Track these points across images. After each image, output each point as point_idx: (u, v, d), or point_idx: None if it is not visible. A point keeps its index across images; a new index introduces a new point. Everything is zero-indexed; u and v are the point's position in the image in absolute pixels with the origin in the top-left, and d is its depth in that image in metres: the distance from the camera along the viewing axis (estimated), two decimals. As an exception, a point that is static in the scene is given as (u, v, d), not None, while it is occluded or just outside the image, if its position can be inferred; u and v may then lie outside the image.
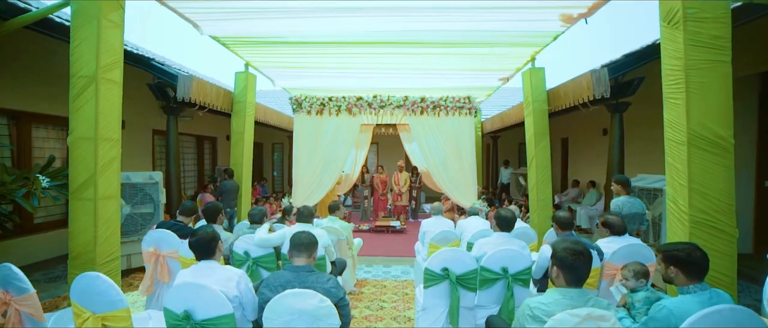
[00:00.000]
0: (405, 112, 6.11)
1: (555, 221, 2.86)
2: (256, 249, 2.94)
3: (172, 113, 5.29)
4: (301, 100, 6.21)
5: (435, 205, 4.09)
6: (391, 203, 8.70)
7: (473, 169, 6.18)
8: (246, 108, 5.87)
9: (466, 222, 4.12)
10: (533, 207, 5.54)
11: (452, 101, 6.10)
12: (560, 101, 5.26)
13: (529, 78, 5.52)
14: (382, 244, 6.25)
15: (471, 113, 6.20)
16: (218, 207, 3.12)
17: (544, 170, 5.47)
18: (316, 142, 6.19)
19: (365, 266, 5.14)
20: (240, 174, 5.81)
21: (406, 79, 6.25)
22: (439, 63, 5.61)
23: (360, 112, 6.17)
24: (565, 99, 5.11)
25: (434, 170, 6.19)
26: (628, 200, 3.44)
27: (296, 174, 6.23)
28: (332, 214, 4.02)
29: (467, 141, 6.15)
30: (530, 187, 5.59)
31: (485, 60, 5.41)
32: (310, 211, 3.70)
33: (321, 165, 6.17)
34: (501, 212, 2.82)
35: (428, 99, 6.10)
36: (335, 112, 6.16)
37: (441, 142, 6.12)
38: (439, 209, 4.07)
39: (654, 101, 2.97)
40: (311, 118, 6.21)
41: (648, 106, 5.30)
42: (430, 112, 6.12)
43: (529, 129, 5.57)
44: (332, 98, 6.14)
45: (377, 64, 5.52)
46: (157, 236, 2.95)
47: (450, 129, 6.13)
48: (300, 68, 5.80)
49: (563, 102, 5.18)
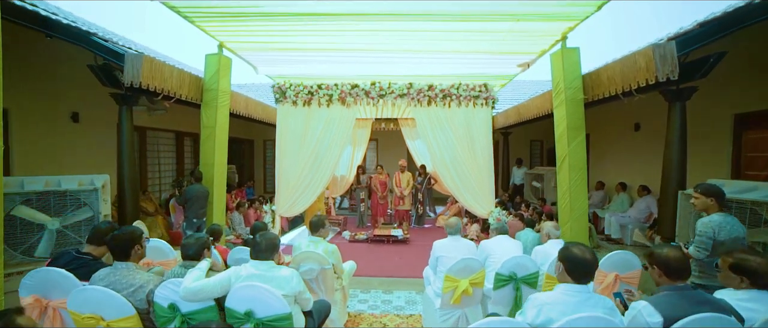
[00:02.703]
0: (409, 102, 5.12)
1: (658, 261, 1.72)
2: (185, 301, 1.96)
3: (125, 103, 4.29)
4: (284, 88, 5.21)
5: (451, 222, 3.11)
6: (392, 208, 7.73)
7: (490, 170, 5.20)
8: (218, 97, 4.88)
9: (492, 244, 3.14)
10: (564, 218, 4.57)
11: (466, 90, 5.10)
12: (602, 88, 4.26)
13: (561, 61, 4.53)
14: (382, 259, 5.28)
15: (488, 104, 5.21)
16: (134, 235, 2.11)
17: (579, 173, 4.49)
18: (304, 138, 5.21)
19: (361, 292, 4.17)
20: (211, 177, 4.83)
21: (409, 65, 5.26)
22: (447, 44, 4.65)
23: (356, 102, 5.18)
24: (609, 85, 4.11)
25: (443, 170, 5.21)
26: (724, 219, 2.45)
27: (279, 176, 5.24)
28: (315, 233, 3.04)
29: (483, 137, 5.16)
30: (561, 192, 4.61)
31: (504, 40, 4.43)
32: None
33: (309, 165, 5.18)
34: (573, 251, 1.73)
35: (437, 87, 5.10)
36: (326, 102, 5.16)
37: (451, 138, 5.13)
38: (456, 228, 3.08)
39: (723, 84, 1.96)
40: (297, 109, 5.21)
41: (716, 92, 4.28)
42: (438, 102, 5.12)
43: (560, 123, 4.59)
44: (322, 86, 5.14)
45: (376, 44, 4.54)
46: (43, 278, 1.97)
47: (463, 122, 5.14)
48: (285, 50, 4.81)
49: (606, 89, 4.18)
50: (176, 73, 4.39)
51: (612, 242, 6.31)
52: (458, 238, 3.06)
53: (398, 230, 6.77)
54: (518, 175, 9.57)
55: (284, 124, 5.24)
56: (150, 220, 6.14)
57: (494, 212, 5.09)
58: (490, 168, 5.20)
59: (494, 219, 5.07)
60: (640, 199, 6.35)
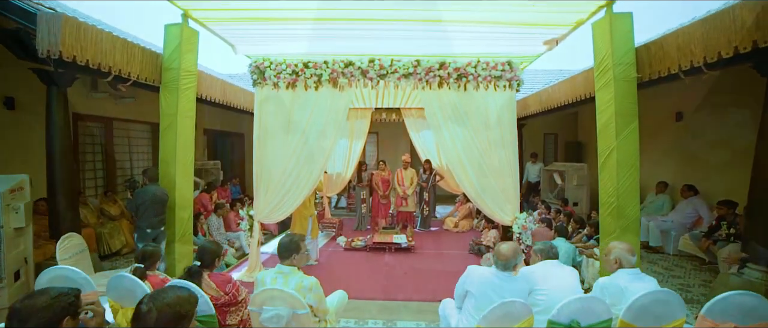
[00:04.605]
0: (416, 84, 4.17)
1: None
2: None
3: (55, 83, 3.37)
4: (263, 67, 4.27)
5: (504, 251, 2.06)
6: (394, 209, 6.82)
7: (515, 167, 4.26)
8: (180, 78, 3.95)
9: (538, 274, 2.21)
10: (609, 228, 3.66)
11: (485, 68, 4.16)
12: (668, 61, 3.32)
13: (607, 30, 3.60)
14: (382, 275, 4.38)
15: (512, 86, 4.26)
16: None
17: (630, 171, 3.59)
18: (287, 128, 4.28)
19: (354, 323, 3.26)
20: (171, 176, 3.92)
21: (415, 42, 4.32)
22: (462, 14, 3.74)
23: (351, 84, 4.24)
24: (680, 56, 3.16)
25: (458, 169, 4.28)
26: None
27: (258, 174, 4.33)
28: (285, 261, 2.12)
29: (506, 127, 4.22)
30: (605, 196, 3.70)
31: (532, 8, 3.52)
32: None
33: (294, 161, 4.27)
34: None
35: (451, 65, 4.15)
36: (314, 84, 4.22)
37: (468, 129, 4.19)
38: (508, 263, 2.08)
39: None
40: (279, 93, 4.28)
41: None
42: (451, 84, 4.18)
43: (606, 108, 3.67)
44: (309, 65, 4.20)
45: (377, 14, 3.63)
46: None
47: (482, 109, 4.20)
48: (267, 21, 3.87)
49: (674, 62, 3.24)
50: (120, 45, 3.46)
51: (650, 251, 5.40)
52: (509, 276, 2.09)
53: (401, 235, 5.87)
54: (533, 171, 8.63)
55: (263, 111, 4.31)
56: (111, 226, 5.25)
57: (519, 219, 4.17)
58: (515, 165, 4.27)
59: (519, 227, 4.16)
60: (685, 201, 5.43)
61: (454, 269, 3.68)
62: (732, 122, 4.72)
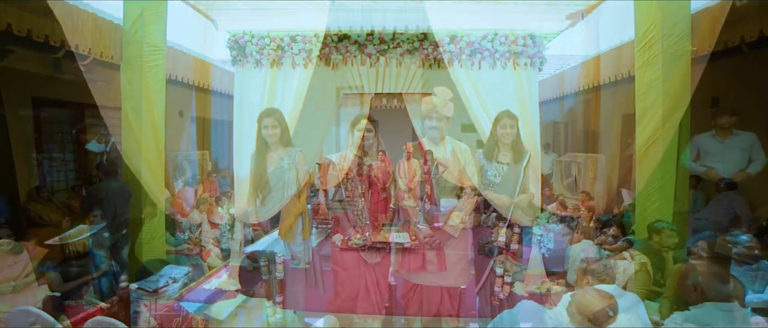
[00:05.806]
0: (422, 62, 3.57)
1: None
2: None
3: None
4: (243, 42, 3.65)
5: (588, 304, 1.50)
6: (395, 204, 6.24)
7: (536, 158, 3.69)
8: (143, 53, 3.34)
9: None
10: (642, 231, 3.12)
11: (503, 42, 3.54)
12: (744, 28, 2.72)
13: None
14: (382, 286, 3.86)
15: (534, 65, 3.65)
16: None
17: (668, 166, 3.03)
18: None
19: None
20: (136, 170, 3.34)
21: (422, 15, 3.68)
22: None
23: (345, 62, 3.63)
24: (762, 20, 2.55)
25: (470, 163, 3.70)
26: None
27: (238, 166, 3.75)
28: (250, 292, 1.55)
29: (527, 111, 3.63)
30: (643, 195, 3.15)
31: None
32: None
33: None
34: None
35: (463, 39, 3.53)
36: (303, 61, 3.62)
37: (483, 115, 3.60)
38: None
39: None
40: (262, 72, 3.67)
41: None
42: (464, 60, 3.57)
43: (650, 89, 3.10)
44: (296, 39, 3.59)
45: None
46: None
47: (499, 90, 3.60)
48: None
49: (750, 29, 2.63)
50: (61, 9, 2.83)
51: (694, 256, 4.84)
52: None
53: (403, 233, 5.31)
54: (546, 162, 8.02)
55: (244, 92, 3.71)
56: (78, 224, 4.68)
57: (541, 218, 3.61)
58: (536, 156, 3.69)
59: (541, 228, 3.60)
60: (720, 196, 4.86)
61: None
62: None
